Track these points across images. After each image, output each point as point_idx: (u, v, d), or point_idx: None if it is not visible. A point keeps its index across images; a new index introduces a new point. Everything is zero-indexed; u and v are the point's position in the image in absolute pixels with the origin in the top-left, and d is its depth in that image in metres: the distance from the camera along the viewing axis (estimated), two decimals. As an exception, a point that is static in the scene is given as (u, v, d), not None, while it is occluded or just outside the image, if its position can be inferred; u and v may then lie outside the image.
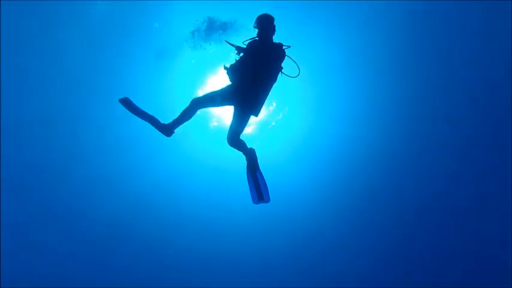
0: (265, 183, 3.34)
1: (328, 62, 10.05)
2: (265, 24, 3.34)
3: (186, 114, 3.35)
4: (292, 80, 3.48)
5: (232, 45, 3.38)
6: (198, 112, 3.48)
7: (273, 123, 10.39)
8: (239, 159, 3.55)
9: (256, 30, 3.41)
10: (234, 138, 3.36)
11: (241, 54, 3.36)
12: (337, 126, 10.80)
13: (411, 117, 10.77)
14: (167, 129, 3.35)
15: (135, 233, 11.47)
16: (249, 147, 3.45)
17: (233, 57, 3.42)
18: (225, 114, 9.57)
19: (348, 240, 11.69)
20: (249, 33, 3.55)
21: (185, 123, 3.43)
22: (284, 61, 3.36)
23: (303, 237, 11.73)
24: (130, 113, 3.36)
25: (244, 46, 3.40)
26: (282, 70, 3.35)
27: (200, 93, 9.52)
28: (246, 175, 3.42)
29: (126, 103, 3.32)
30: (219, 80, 9.71)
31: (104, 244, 11.38)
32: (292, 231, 11.67)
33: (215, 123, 10.25)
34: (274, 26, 3.39)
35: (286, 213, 11.16)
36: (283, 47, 3.30)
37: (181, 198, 11.36)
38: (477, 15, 9.63)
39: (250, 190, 3.38)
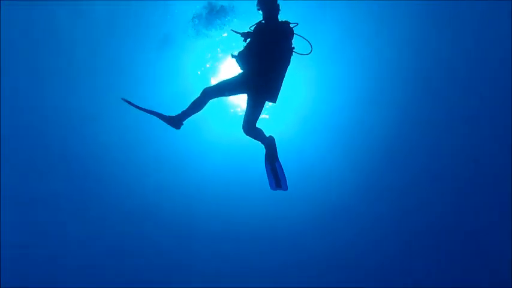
0: (284, 173, 3.28)
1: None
2: (269, 3, 3.24)
3: (197, 105, 3.25)
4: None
5: (238, 32, 3.29)
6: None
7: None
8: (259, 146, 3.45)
9: (261, 12, 3.31)
10: (250, 127, 3.25)
11: (248, 39, 3.25)
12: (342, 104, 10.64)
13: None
14: (176, 121, 3.27)
15: (149, 231, 11.56)
16: (267, 135, 3.35)
17: (240, 43, 3.32)
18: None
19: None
20: (252, 18, 3.47)
21: (195, 114, 3.33)
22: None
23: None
24: (136, 109, 3.30)
25: (251, 31, 3.29)
26: (294, 49, 3.22)
27: (212, 82, 9.40)
28: (264, 163, 3.36)
29: (130, 102, 3.29)
30: (226, 67, 9.52)
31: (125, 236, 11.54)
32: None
33: (236, 110, 10.04)
34: (278, 5, 3.29)
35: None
36: (291, 25, 3.19)
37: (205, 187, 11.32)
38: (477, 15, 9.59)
39: (268, 177, 3.35)
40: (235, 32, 3.33)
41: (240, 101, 9.62)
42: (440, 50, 10.08)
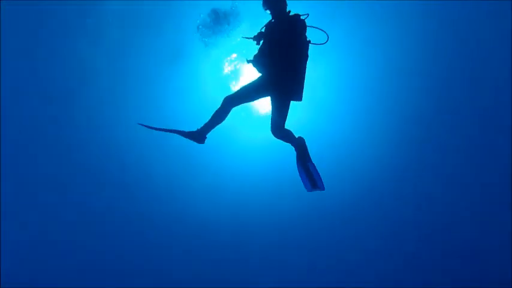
0: (318, 172, 3.13)
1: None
2: (274, 1, 3.15)
3: (219, 116, 3.14)
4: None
5: (250, 38, 3.20)
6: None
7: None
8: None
9: (269, 12, 3.22)
10: (278, 129, 3.12)
11: (261, 41, 3.15)
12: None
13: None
14: (198, 136, 3.16)
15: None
16: (297, 136, 3.22)
17: (254, 47, 3.23)
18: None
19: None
20: (261, 19, 3.35)
21: (218, 125, 3.21)
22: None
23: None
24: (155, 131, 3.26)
25: (263, 31, 3.19)
26: (311, 42, 3.10)
27: (233, 89, 9.41)
28: (296, 165, 3.23)
29: (146, 126, 3.26)
30: (245, 73, 9.47)
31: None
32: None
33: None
34: (285, 0, 3.19)
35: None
36: (302, 17, 3.06)
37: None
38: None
39: (302, 179, 3.20)
40: (247, 38, 3.26)
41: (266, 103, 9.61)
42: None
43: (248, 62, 3.20)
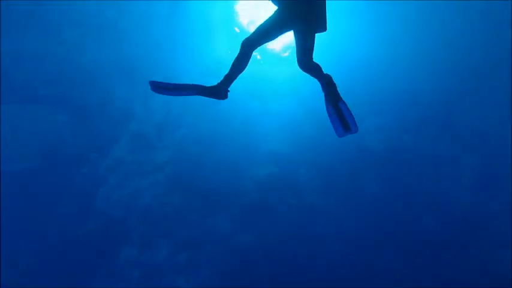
0: (350, 112, 2.87)
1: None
2: None
3: (241, 63, 2.83)
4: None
5: None
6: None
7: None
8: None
9: None
10: (306, 62, 2.88)
11: None
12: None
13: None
14: (220, 91, 2.85)
15: None
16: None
17: None
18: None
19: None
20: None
21: (240, 74, 2.87)
22: None
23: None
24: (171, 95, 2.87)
25: None
26: None
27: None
28: (325, 107, 2.95)
29: (157, 86, 2.97)
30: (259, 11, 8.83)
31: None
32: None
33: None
34: None
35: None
36: None
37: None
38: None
39: (333, 122, 2.93)
40: None
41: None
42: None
43: None
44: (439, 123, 12.49)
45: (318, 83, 3.03)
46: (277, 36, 2.95)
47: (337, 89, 2.90)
